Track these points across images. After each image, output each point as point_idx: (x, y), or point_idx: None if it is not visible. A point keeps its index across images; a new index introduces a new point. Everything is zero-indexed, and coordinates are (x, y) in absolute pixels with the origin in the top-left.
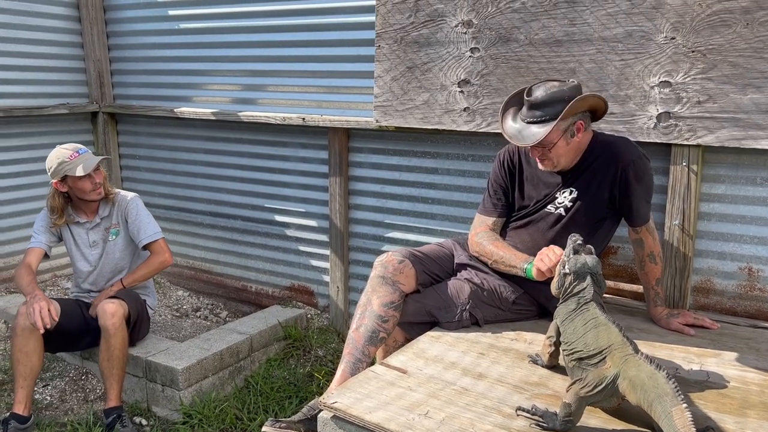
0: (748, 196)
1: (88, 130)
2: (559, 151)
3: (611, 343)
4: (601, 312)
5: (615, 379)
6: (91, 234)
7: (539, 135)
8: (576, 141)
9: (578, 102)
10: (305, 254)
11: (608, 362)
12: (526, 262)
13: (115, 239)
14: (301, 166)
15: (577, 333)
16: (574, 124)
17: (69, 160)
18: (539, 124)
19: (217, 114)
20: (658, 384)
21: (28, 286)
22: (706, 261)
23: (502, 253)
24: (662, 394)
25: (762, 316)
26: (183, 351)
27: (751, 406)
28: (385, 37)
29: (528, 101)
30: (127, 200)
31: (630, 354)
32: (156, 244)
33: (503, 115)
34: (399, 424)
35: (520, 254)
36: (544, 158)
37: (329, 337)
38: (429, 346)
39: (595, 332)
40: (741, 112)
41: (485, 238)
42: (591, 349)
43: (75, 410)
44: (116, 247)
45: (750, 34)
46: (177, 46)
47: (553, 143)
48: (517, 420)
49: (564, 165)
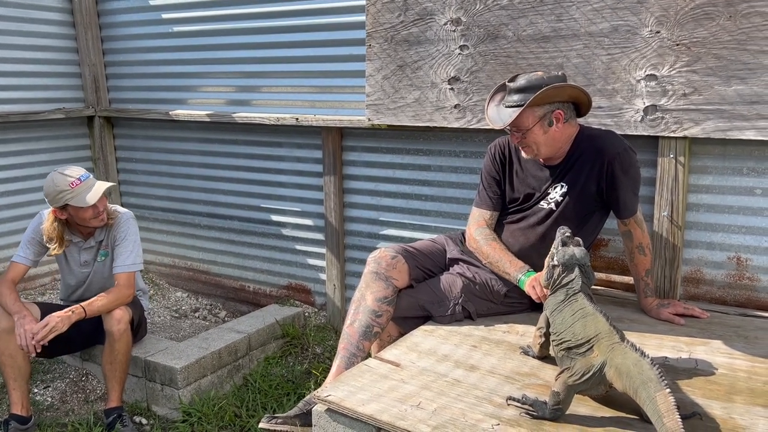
0: (734, 186)
1: (85, 135)
2: (536, 139)
3: (598, 332)
4: (589, 302)
5: (602, 367)
6: (83, 254)
7: (507, 117)
8: (555, 131)
9: (553, 89)
10: (302, 253)
11: (595, 351)
12: (521, 273)
13: (103, 260)
14: (296, 166)
15: (565, 323)
16: (552, 112)
17: (71, 188)
18: (517, 108)
19: (212, 116)
20: (643, 370)
21: (13, 305)
22: (696, 251)
23: (498, 257)
24: (646, 380)
25: (751, 304)
26: (182, 350)
27: (738, 392)
28: (376, 36)
29: (509, 87)
30: (120, 222)
31: (616, 342)
32: (123, 276)
33: (489, 101)
34: (391, 416)
35: (515, 262)
36: (523, 145)
37: (327, 334)
38: (422, 340)
39: (583, 322)
40: (726, 103)
41: (482, 236)
42: (579, 338)
43: (76, 411)
44: (105, 268)
45: (733, 26)
46: (171, 49)
47: (528, 128)
48: (508, 409)
49: (546, 154)
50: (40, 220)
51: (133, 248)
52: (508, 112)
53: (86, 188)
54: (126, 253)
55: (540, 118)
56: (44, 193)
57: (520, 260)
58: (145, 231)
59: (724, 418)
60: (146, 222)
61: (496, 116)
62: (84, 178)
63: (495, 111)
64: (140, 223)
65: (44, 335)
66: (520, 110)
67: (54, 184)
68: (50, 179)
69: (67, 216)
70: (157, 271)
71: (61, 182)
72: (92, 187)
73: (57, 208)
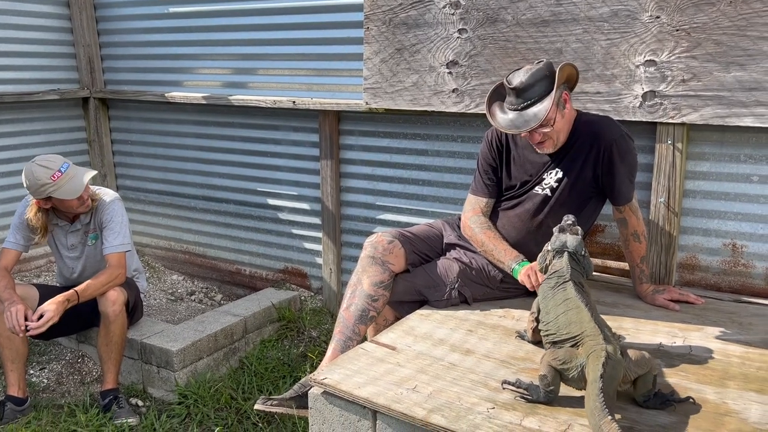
0: (731, 173)
1: (80, 116)
2: (557, 127)
3: (583, 331)
4: (576, 293)
5: (582, 367)
6: (70, 237)
7: (542, 112)
8: (567, 112)
9: (561, 72)
10: (298, 237)
11: (580, 349)
12: (515, 263)
13: (94, 243)
14: (293, 150)
15: (551, 313)
16: (561, 96)
17: (52, 181)
18: (535, 105)
19: (208, 98)
20: (591, 397)
21: (4, 292)
22: (692, 238)
23: (493, 246)
24: (593, 408)
25: (745, 290)
26: (178, 333)
27: (732, 378)
28: (374, 18)
29: (513, 89)
30: (105, 204)
31: (598, 346)
32: (114, 257)
33: (490, 111)
34: (387, 399)
35: (510, 251)
36: (545, 139)
37: (322, 318)
38: (418, 324)
39: (568, 316)
40: (725, 90)
41: (477, 224)
42: (563, 334)
43: (72, 392)
44: (97, 251)
45: (733, 11)
46: (167, 30)
47: (554, 119)
48: (503, 393)
49: (563, 140)
50: (26, 204)
51: (120, 229)
52: (534, 111)
53: (68, 179)
54: (114, 234)
55: (557, 105)
56: (25, 186)
57: (515, 249)
58: (141, 214)
59: (717, 402)
60: (142, 205)
61: (513, 123)
62: (65, 168)
63: (508, 118)
64: (136, 205)
65: (37, 327)
66: (550, 102)
67: (35, 178)
68: (29, 172)
69: (50, 205)
70: (153, 254)
71: (42, 175)
72: (74, 177)
73: (40, 199)
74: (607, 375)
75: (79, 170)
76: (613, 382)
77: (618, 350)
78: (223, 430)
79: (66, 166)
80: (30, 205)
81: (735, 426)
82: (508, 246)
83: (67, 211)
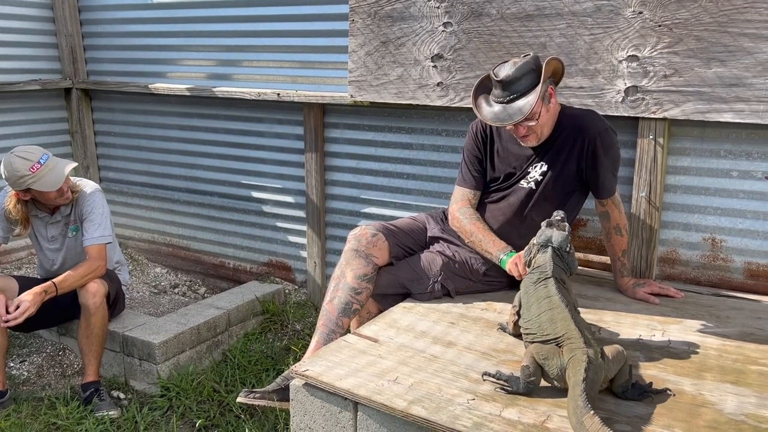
0: (712, 168)
1: (62, 107)
2: (542, 121)
3: (563, 333)
4: (557, 292)
5: (562, 368)
6: (50, 229)
7: (527, 106)
8: (552, 106)
9: (547, 66)
10: (282, 230)
11: (562, 349)
12: (503, 253)
13: (75, 235)
14: (277, 142)
15: (531, 310)
16: (546, 90)
17: (31, 173)
18: (521, 98)
19: (192, 90)
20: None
21: None
22: (672, 232)
23: (481, 237)
24: (576, 407)
25: (724, 284)
26: (160, 326)
27: (709, 369)
28: (359, 11)
29: (499, 82)
30: (85, 195)
31: (579, 350)
32: (93, 249)
33: (476, 103)
34: (369, 390)
35: (498, 242)
36: (529, 133)
37: (307, 311)
38: (401, 317)
39: (548, 317)
40: (705, 85)
41: (466, 215)
42: (545, 334)
43: (52, 385)
44: (77, 243)
45: (715, 8)
46: (151, 21)
47: (539, 113)
48: (484, 385)
49: (547, 134)
50: (5, 196)
51: (101, 221)
52: (520, 104)
53: (48, 171)
54: (94, 226)
55: (542, 99)
56: (4, 177)
57: (502, 241)
58: (124, 206)
59: (694, 394)
60: (125, 197)
61: (499, 115)
62: (44, 160)
63: (494, 111)
64: (119, 198)
65: (14, 317)
66: (536, 96)
67: (14, 169)
68: (8, 163)
69: (30, 197)
70: (136, 246)
71: (21, 167)
72: (54, 169)
73: (19, 191)
74: (589, 379)
75: (60, 162)
76: (594, 386)
77: (598, 354)
78: (205, 422)
79: (45, 157)
80: (9, 197)
81: (711, 417)
82: (496, 237)
83: (47, 203)
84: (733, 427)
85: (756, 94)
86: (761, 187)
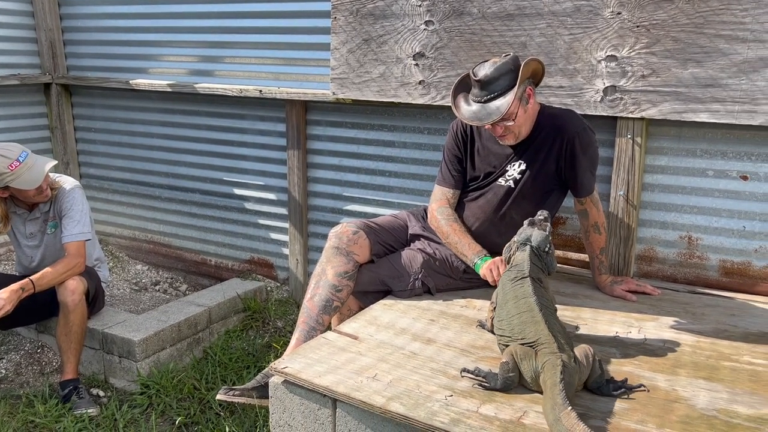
0: (688, 167)
1: (41, 102)
2: (520, 122)
3: (538, 338)
4: (533, 293)
5: (536, 372)
6: (29, 225)
7: (503, 107)
8: (530, 107)
9: (525, 68)
10: (264, 227)
11: (536, 354)
12: (477, 257)
13: (54, 232)
14: (259, 139)
15: (506, 309)
16: (524, 91)
17: (10, 170)
18: (498, 98)
19: (174, 86)
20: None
21: None
22: (650, 230)
23: (457, 239)
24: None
25: (700, 282)
26: (140, 323)
27: (683, 366)
28: (341, 8)
29: (478, 81)
30: (65, 192)
31: (553, 355)
32: (72, 246)
33: (455, 102)
34: (347, 387)
35: (473, 245)
36: (506, 133)
37: (289, 308)
38: (381, 314)
39: (522, 319)
40: (682, 86)
41: (444, 216)
42: (517, 338)
43: (31, 383)
44: (56, 239)
45: (691, 9)
46: (132, 16)
47: (515, 113)
48: (462, 381)
49: (525, 134)
50: None
51: (80, 218)
52: (497, 104)
53: (27, 168)
54: (73, 223)
55: (519, 100)
56: None
57: (478, 244)
58: (105, 203)
59: (668, 390)
60: (106, 193)
61: (476, 114)
62: (23, 158)
63: (472, 110)
64: (99, 194)
65: None
66: (512, 97)
67: None
68: None
69: (8, 194)
70: (117, 243)
71: (0, 164)
72: (33, 167)
73: None
74: (566, 382)
75: (39, 159)
76: (570, 389)
77: (572, 358)
78: (185, 420)
79: (25, 155)
80: None
81: (683, 412)
82: (472, 240)
83: (26, 200)
84: (705, 422)
85: (731, 94)
86: (736, 187)
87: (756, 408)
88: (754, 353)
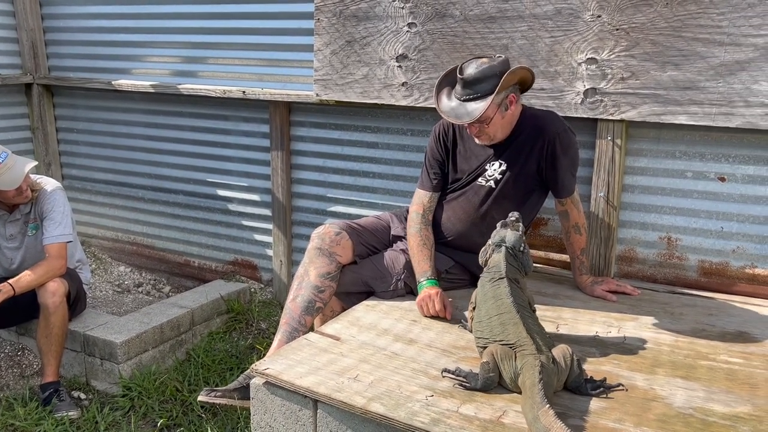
0: (667, 168)
1: (23, 103)
2: (495, 126)
3: (516, 340)
4: (510, 294)
5: (515, 374)
6: (9, 227)
7: (477, 111)
8: (510, 113)
9: (510, 76)
10: (248, 229)
11: (515, 355)
12: (422, 278)
13: (34, 233)
14: (243, 140)
15: (484, 309)
16: (506, 97)
17: None
18: (475, 101)
19: (157, 87)
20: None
21: None
22: (630, 231)
23: (413, 252)
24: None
25: (679, 282)
26: (122, 325)
27: (661, 365)
28: (325, 10)
29: (461, 79)
30: (46, 194)
31: (531, 356)
32: (53, 248)
33: (438, 94)
34: (328, 388)
35: (422, 263)
36: (481, 134)
37: (272, 310)
38: (364, 315)
39: (500, 320)
40: (661, 88)
41: (414, 223)
42: (497, 339)
43: (11, 386)
44: (37, 241)
45: (670, 13)
46: (115, 16)
47: (490, 118)
48: (443, 381)
49: (502, 137)
50: None
51: (61, 219)
52: (472, 107)
53: (7, 169)
54: (54, 225)
55: (498, 105)
56: None
57: (429, 262)
58: (87, 204)
59: (646, 388)
60: (88, 195)
61: (453, 111)
62: (3, 158)
63: (451, 106)
64: (82, 195)
65: None
66: (487, 104)
67: None
68: None
69: None
70: (100, 245)
71: None
72: (13, 168)
73: None
74: (544, 382)
75: (19, 160)
76: (549, 389)
77: (550, 359)
78: (167, 422)
79: (4, 155)
80: None
81: (660, 410)
82: (426, 258)
83: (5, 201)
84: (681, 420)
85: (708, 97)
86: (714, 188)
87: (731, 406)
88: (731, 352)
